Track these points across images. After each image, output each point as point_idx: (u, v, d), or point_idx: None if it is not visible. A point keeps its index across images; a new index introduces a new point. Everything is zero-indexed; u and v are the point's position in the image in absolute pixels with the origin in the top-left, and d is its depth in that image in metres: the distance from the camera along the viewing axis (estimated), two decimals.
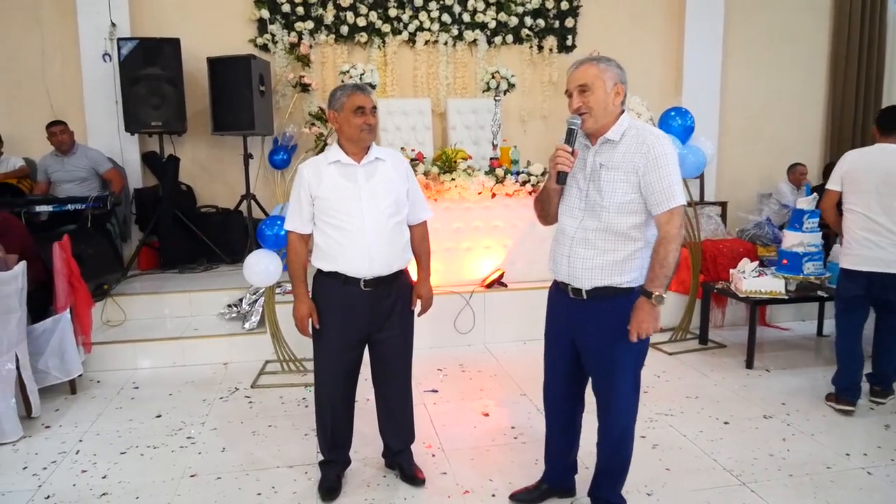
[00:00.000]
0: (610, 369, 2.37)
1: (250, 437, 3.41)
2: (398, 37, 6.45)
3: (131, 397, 3.95)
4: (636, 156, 2.21)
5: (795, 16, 7.46)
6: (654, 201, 2.21)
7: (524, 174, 4.96)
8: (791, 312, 5.41)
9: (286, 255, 2.82)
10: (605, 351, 2.36)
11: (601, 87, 2.23)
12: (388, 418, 2.92)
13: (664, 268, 2.20)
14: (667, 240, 2.21)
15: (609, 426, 2.46)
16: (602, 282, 2.30)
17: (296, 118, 6.24)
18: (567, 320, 2.45)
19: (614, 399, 2.40)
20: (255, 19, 6.16)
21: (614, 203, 2.24)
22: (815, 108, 7.73)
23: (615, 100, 2.26)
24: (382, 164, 2.70)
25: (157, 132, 5.68)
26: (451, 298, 4.77)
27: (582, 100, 2.24)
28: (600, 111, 2.24)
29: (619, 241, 2.27)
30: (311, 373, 4.23)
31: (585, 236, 2.31)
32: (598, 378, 2.44)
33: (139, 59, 5.44)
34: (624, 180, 2.23)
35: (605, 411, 2.46)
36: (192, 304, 4.98)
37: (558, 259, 2.42)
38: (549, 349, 2.61)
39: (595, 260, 2.29)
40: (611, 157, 2.26)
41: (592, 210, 2.30)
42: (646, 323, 2.23)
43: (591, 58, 2.30)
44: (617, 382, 2.37)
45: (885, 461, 3.12)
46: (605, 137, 2.27)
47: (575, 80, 2.27)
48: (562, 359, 2.53)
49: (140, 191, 5.90)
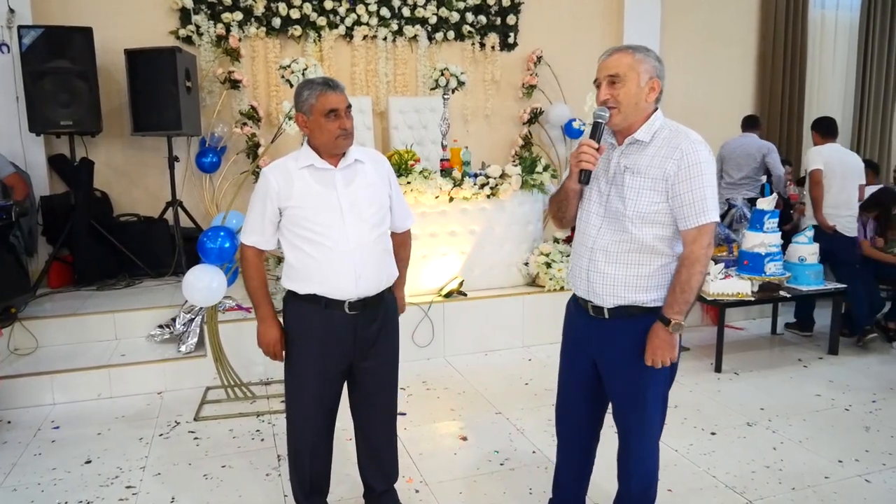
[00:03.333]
0: (635, 394, 2.13)
1: (202, 481, 2.97)
2: (335, 31, 6.05)
3: (52, 440, 3.40)
4: (668, 161, 1.97)
5: (727, 19, 7.61)
6: (683, 215, 1.98)
7: (482, 176, 4.70)
8: (743, 312, 5.43)
9: (244, 275, 2.44)
10: (630, 375, 2.11)
11: (634, 80, 1.99)
12: (370, 456, 2.57)
13: (685, 293, 1.98)
14: (690, 261, 1.98)
15: (632, 465, 2.21)
16: (625, 300, 2.06)
17: (224, 117, 5.76)
18: (588, 340, 2.19)
19: (640, 428, 2.16)
20: (177, 9, 5.59)
21: (637, 212, 2.00)
22: (746, 108, 7.90)
23: (649, 96, 2.02)
24: (362, 166, 2.36)
25: (66, 132, 5.04)
26: (409, 310, 4.40)
27: (611, 92, 2.00)
28: (630, 107, 2.00)
29: (644, 255, 2.03)
30: (260, 399, 3.87)
31: (606, 247, 2.06)
32: (621, 404, 2.19)
33: (44, 51, 4.79)
34: (650, 187, 1.99)
35: (627, 444, 2.21)
36: (116, 325, 4.42)
37: (576, 272, 2.17)
38: (566, 369, 2.34)
39: (617, 276, 2.05)
40: (637, 161, 2.02)
41: (613, 218, 2.05)
42: (661, 350, 2.01)
43: (627, 46, 2.05)
44: (643, 408, 2.14)
45: (878, 466, 3.07)
46: (633, 137, 2.03)
47: (606, 68, 2.01)
48: (581, 381, 2.26)
49: (48, 198, 5.24)
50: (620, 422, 2.21)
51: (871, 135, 8.53)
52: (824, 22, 8.24)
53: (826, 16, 8.23)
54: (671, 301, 2.00)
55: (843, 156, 5.01)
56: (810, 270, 4.62)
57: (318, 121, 2.25)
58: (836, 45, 8.36)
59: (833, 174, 4.90)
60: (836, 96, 8.45)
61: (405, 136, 5.99)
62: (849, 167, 4.97)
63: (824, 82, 8.36)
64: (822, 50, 8.29)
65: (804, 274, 4.61)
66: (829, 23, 8.28)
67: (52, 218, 5.19)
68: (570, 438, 2.37)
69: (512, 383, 4.08)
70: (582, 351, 2.23)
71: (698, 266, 1.97)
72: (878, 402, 3.81)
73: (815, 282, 4.61)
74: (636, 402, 2.13)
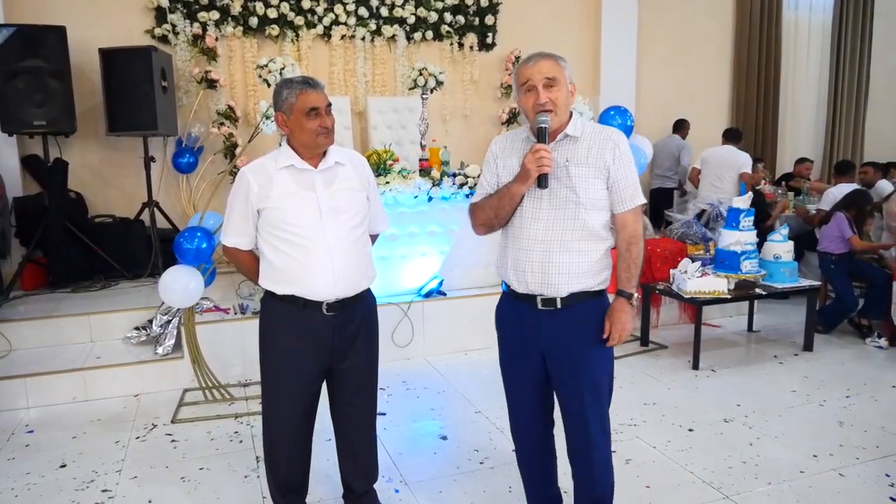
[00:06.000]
0: (586, 377, 2.17)
1: (180, 484, 2.94)
2: (312, 30, 6.04)
3: (26, 444, 3.35)
4: (605, 152, 2.12)
5: (703, 19, 7.72)
6: (621, 198, 2.15)
7: (461, 176, 4.70)
8: (720, 309, 5.48)
9: (240, 269, 2.48)
10: (581, 359, 2.17)
11: (564, 84, 2.11)
12: (350, 458, 2.55)
13: (637, 268, 2.17)
14: (635, 238, 2.17)
15: (587, 447, 2.22)
16: (578, 286, 2.14)
17: (201, 117, 5.71)
18: (536, 335, 2.20)
19: (591, 411, 2.18)
20: (152, 7, 5.55)
21: (589, 199, 2.11)
22: (722, 108, 8.02)
23: (570, 98, 2.17)
24: (342, 168, 2.35)
25: (40, 133, 4.97)
26: (388, 310, 4.43)
27: (549, 95, 2.07)
28: (563, 108, 2.12)
29: (592, 242, 2.14)
30: (238, 401, 3.84)
31: (561, 237, 2.11)
32: (571, 389, 2.19)
33: (17, 50, 4.72)
34: (595, 176, 2.12)
35: (578, 431, 2.22)
36: (91, 328, 4.36)
37: (525, 268, 2.16)
38: (513, 373, 2.34)
39: (572, 264, 2.12)
40: (576, 154, 2.13)
41: (563, 208, 2.11)
42: (628, 324, 2.16)
43: (550, 53, 2.13)
44: (594, 391, 2.18)
45: (851, 460, 3.11)
46: (565, 133, 2.14)
47: (541, 72, 2.07)
48: (533, 380, 2.26)
49: (21, 199, 5.16)
50: (574, 410, 2.20)
51: (844, 134, 8.68)
52: (798, 23, 8.38)
53: (799, 17, 8.37)
54: (627, 277, 2.16)
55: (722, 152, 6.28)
56: (785, 268, 4.68)
57: (299, 119, 2.24)
58: (810, 46, 8.51)
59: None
60: (809, 96, 8.60)
61: (384, 135, 5.98)
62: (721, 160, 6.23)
63: (798, 82, 8.50)
64: (795, 51, 8.43)
65: (779, 271, 4.67)
66: (803, 24, 8.42)
67: (26, 219, 5.12)
68: (530, 434, 2.37)
69: (491, 382, 4.01)
70: (531, 347, 2.23)
71: (640, 243, 2.18)
72: (852, 397, 3.87)
73: (789, 279, 4.68)
74: (589, 384, 2.18)
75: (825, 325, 5.01)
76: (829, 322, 5.02)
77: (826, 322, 5.01)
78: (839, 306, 5.00)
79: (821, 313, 5.01)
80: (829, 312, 5.05)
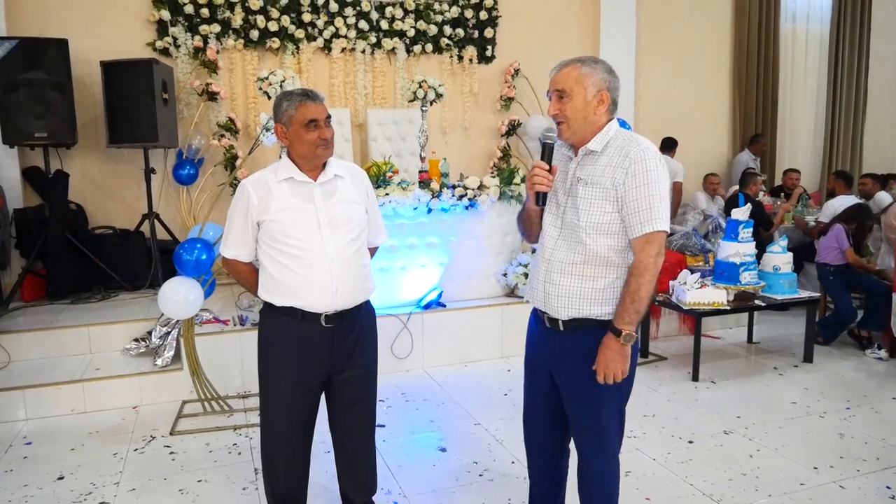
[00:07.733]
0: (590, 410, 2.10)
1: (178, 496, 2.93)
2: (313, 43, 6.07)
3: (24, 456, 3.34)
4: (617, 170, 1.95)
5: (701, 31, 7.74)
6: (631, 223, 1.95)
7: (460, 187, 4.72)
8: (720, 321, 5.48)
9: (240, 281, 2.47)
10: (583, 390, 2.08)
11: (581, 94, 1.98)
12: (348, 469, 2.55)
13: (636, 303, 1.94)
14: (639, 270, 1.94)
15: (590, 485, 2.18)
16: (580, 312, 2.03)
17: (202, 129, 5.73)
18: (545, 352, 2.18)
19: (597, 445, 2.13)
20: (154, 21, 5.58)
21: (591, 223, 1.98)
22: (722, 120, 8.04)
23: (598, 109, 2.00)
24: (342, 181, 2.36)
25: (41, 144, 4.98)
26: (388, 321, 4.44)
27: (558, 106, 2.00)
28: (578, 121, 1.99)
29: (600, 267, 2.00)
30: (237, 412, 3.83)
31: (562, 259, 2.04)
32: (576, 419, 2.15)
33: (18, 62, 4.75)
34: (602, 197, 1.97)
35: (584, 462, 2.18)
36: (91, 339, 4.35)
37: (534, 284, 2.16)
38: (529, 380, 2.33)
39: (572, 288, 2.03)
40: (591, 171, 2.01)
41: (569, 229, 2.04)
42: (613, 363, 1.98)
43: (577, 59, 2.03)
44: (598, 424, 2.11)
45: (852, 472, 3.11)
46: (586, 148, 2.02)
47: (553, 83, 2.03)
48: (544, 392, 2.24)
49: (21, 211, 5.17)
50: (577, 438, 2.18)
51: (843, 146, 8.70)
52: (795, 36, 8.43)
53: (797, 30, 8.42)
54: (621, 311, 1.96)
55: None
56: (784, 279, 4.69)
57: (298, 131, 2.25)
58: (808, 58, 8.55)
59: None
60: (807, 108, 8.63)
61: (384, 147, 6.00)
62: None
63: (796, 95, 8.53)
64: (793, 63, 8.47)
65: (778, 283, 4.68)
66: (801, 36, 8.47)
67: (26, 231, 5.12)
68: (540, 443, 2.35)
69: (491, 394, 4.08)
70: (541, 362, 2.21)
71: (647, 275, 1.93)
72: (852, 409, 3.87)
73: (789, 290, 4.68)
74: (591, 418, 2.10)
75: (826, 337, 5.01)
76: (829, 333, 5.02)
77: (826, 333, 5.01)
78: (838, 318, 5.00)
79: (820, 324, 5.01)
80: (828, 324, 5.06)
